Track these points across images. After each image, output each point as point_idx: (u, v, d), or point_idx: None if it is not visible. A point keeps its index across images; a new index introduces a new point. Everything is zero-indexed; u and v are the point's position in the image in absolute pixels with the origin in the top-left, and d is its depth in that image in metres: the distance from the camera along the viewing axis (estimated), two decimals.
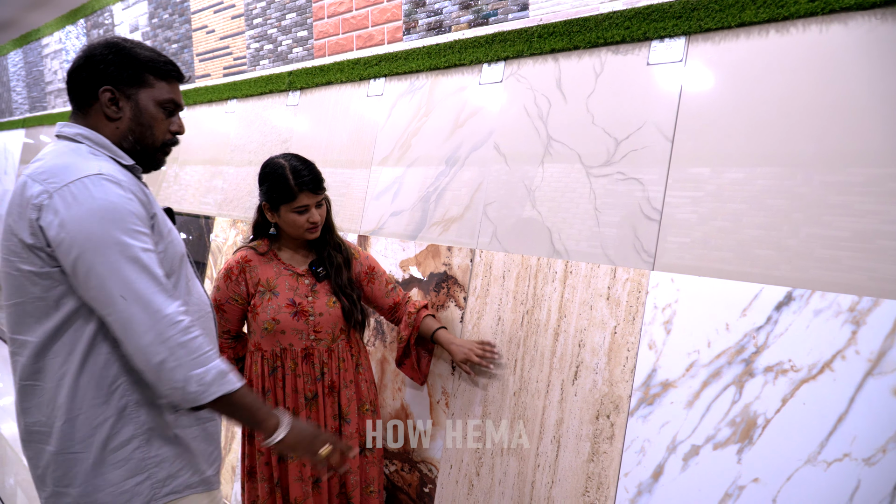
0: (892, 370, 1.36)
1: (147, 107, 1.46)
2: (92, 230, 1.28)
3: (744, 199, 1.61)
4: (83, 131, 1.42)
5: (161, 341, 1.29)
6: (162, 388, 1.33)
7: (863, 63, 1.48)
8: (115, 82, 1.42)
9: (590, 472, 1.79)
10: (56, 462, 1.40)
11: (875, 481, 1.36)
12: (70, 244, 1.28)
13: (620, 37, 1.89)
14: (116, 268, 1.29)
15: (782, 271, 1.53)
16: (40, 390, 1.40)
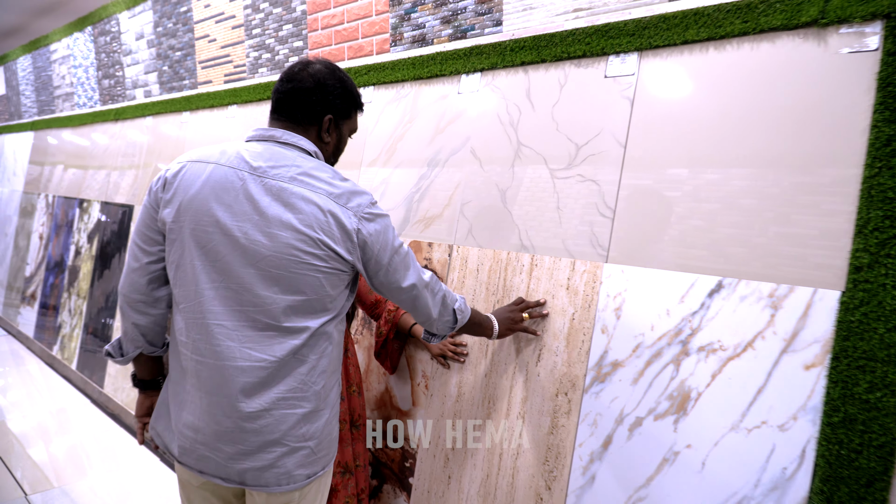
0: (804, 348, 1.56)
1: (344, 134, 1.75)
2: (395, 243, 1.64)
3: (687, 197, 1.81)
4: (318, 151, 1.65)
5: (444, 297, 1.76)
6: (442, 325, 1.77)
7: (789, 76, 1.68)
8: (336, 114, 1.67)
9: (550, 443, 1.99)
10: (307, 420, 1.61)
11: (787, 445, 1.56)
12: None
13: (582, 52, 2.09)
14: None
15: (716, 263, 1.73)
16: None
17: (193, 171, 1.57)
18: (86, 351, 4.88)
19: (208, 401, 1.57)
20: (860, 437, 1.46)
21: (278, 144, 1.59)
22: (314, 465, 1.65)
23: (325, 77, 1.63)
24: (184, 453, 1.64)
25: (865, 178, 1.51)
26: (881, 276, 1.46)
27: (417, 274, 1.67)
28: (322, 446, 1.66)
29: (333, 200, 1.52)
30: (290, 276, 1.51)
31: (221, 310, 1.53)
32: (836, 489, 1.48)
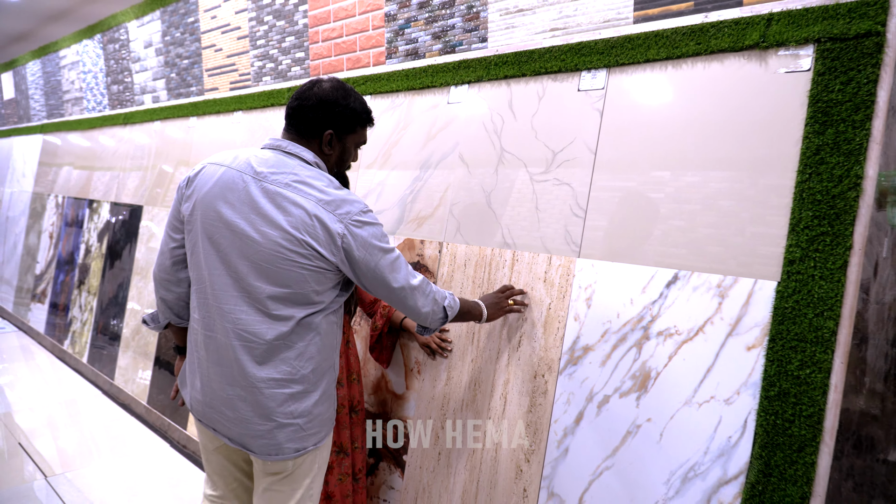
0: (746, 331, 1.78)
1: (349, 147, 1.92)
2: (379, 249, 1.81)
3: (648, 197, 2.03)
4: (319, 162, 1.84)
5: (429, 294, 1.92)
6: (430, 321, 1.94)
7: (735, 92, 1.90)
8: (337, 129, 1.85)
9: (529, 420, 2.21)
10: (294, 399, 1.82)
11: (732, 417, 1.78)
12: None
13: (557, 67, 2.31)
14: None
15: (672, 257, 1.95)
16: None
17: (209, 172, 1.82)
18: (96, 345, 5.10)
19: (214, 370, 1.84)
20: (792, 408, 1.68)
21: (283, 153, 1.82)
22: (303, 440, 1.86)
23: (327, 96, 1.83)
24: (198, 413, 1.93)
25: (798, 182, 1.73)
26: (811, 269, 1.68)
27: (406, 277, 1.83)
28: (312, 424, 1.87)
29: (322, 206, 1.72)
30: (277, 271, 1.73)
31: (224, 293, 1.78)
32: (772, 454, 1.70)
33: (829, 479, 1.64)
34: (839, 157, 1.67)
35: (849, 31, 1.69)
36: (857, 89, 1.66)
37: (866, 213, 1.63)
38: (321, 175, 1.79)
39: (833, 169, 1.67)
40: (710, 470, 1.79)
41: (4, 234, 7.49)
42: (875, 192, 1.68)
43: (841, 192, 1.66)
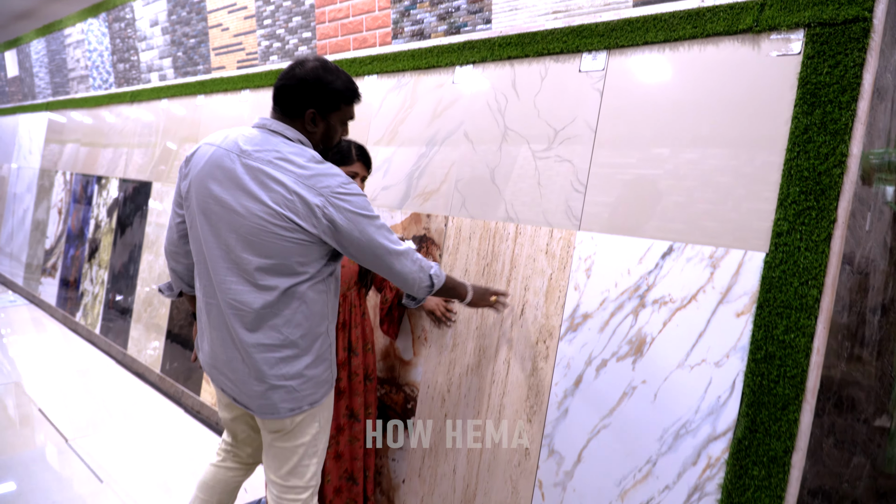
0: (735, 299, 1.91)
1: (334, 124, 1.98)
2: (362, 220, 1.88)
3: (645, 173, 2.14)
4: (303, 139, 1.93)
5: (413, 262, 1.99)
6: (416, 288, 2.01)
7: (730, 74, 2.00)
8: (319, 108, 1.92)
9: (531, 383, 2.34)
10: (285, 362, 1.94)
11: (721, 378, 1.91)
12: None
13: (559, 49, 2.41)
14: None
15: (668, 230, 2.06)
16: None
17: (203, 152, 1.95)
18: (108, 317, 5.23)
19: (215, 335, 2.00)
20: (777, 370, 1.81)
21: (268, 132, 1.92)
22: (297, 401, 1.99)
23: (308, 76, 1.89)
24: (208, 374, 2.10)
25: (787, 160, 1.84)
26: (797, 240, 1.80)
27: (392, 244, 1.92)
28: (305, 386, 1.99)
29: (301, 181, 1.81)
30: (262, 243, 1.85)
31: (216, 264, 1.92)
32: (758, 412, 1.83)
33: (811, 436, 1.77)
34: (826, 136, 1.78)
35: (837, 17, 1.79)
36: (844, 72, 1.77)
37: (850, 188, 1.74)
38: (303, 151, 1.87)
39: (820, 147, 1.79)
40: (701, 427, 1.93)
41: (12, 210, 7.59)
42: (863, 170, 1.80)
43: (827, 169, 1.77)
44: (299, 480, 2.08)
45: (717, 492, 1.89)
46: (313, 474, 2.10)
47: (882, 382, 2.11)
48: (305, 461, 2.08)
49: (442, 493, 2.60)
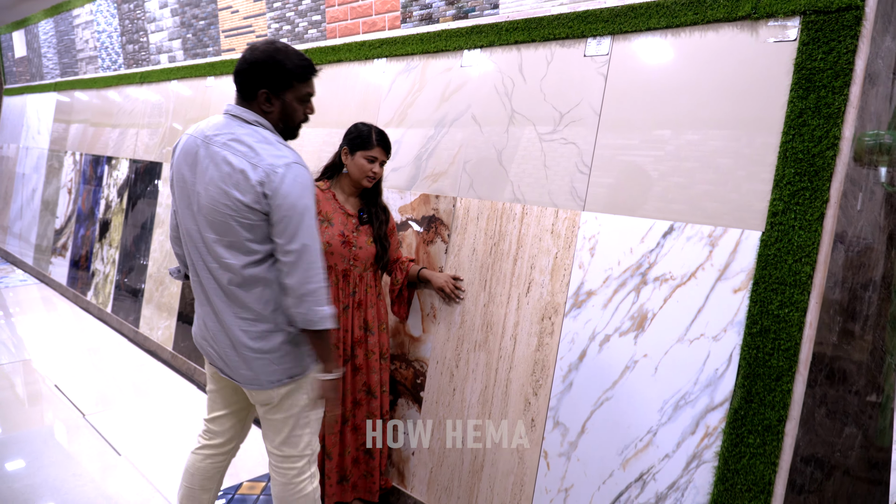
0: (733, 276, 1.99)
1: (291, 103, 2.04)
2: (300, 202, 1.93)
3: (648, 155, 2.22)
4: (260, 120, 2.00)
5: (310, 281, 1.97)
6: (293, 309, 1.98)
7: (729, 59, 2.07)
8: (271, 87, 1.98)
9: (536, 358, 2.44)
10: (262, 337, 2.04)
11: (719, 351, 2.00)
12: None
13: (565, 34, 2.48)
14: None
15: (669, 210, 2.15)
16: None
17: (181, 141, 2.10)
18: (119, 296, 5.34)
19: (202, 310, 2.13)
20: (772, 343, 1.90)
21: (229, 117, 2.05)
22: (277, 373, 2.08)
23: (257, 59, 1.97)
24: (199, 346, 2.23)
25: (782, 142, 1.92)
26: (791, 220, 1.89)
27: (309, 242, 1.95)
28: (284, 360, 2.08)
29: (247, 160, 1.91)
30: (216, 222, 1.97)
31: (193, 244, 2.06)
32: (753, 383, 1.93)
33: (804, 405, 1.87)
34: (820, 119, 1.86)
35: (831, 5, 1.86)
36: (838, 58, 1.84)
37: (842, 170, 1.82)
38: (256, 132, 1.97)
39: (814, 130, 1.87)
40: (699, 398, 2.02)
41: (20, 190, 7.68)
42: (856, 152, 1.88)
43: (820, 152, 1.85)
44: (293, 450, 2.18)
45: (714, 459, 1.99)
46: (307, 444, 2.20)
47: (873, 356, 2.21)
48: (297, 431, 2.17)
49: (450, 463, 2.71)
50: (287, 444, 2.18)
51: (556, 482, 2.35)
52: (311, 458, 2.22)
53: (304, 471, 2.20)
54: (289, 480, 2.19)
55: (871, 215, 2.02)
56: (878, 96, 1.92)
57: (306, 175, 1.97)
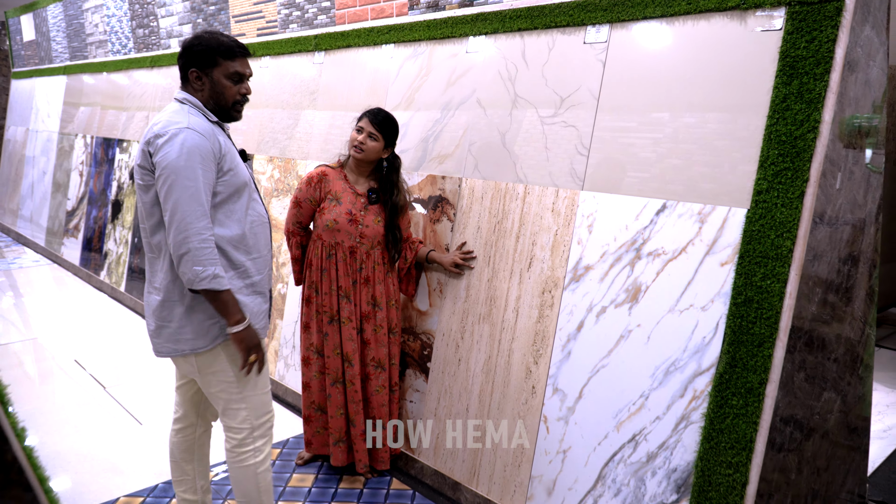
0: (720, 251, 2.14)
1: (219, 80, 2.15)
2: (177, 162, 2.00)
3: (644, 137, 2.36)
4: (189, 97, 2.16)
5: (185, 241, 2.01)
6: (178, 270, 2.04)
7: (720, 47, 2.21)
8: (198, 66, 2.14)
9: (537, 330, 2.59)
10: (162, 307, 2.15)
11: (707, 321, 2.15)
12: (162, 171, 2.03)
13: (566, 22, 2.61)
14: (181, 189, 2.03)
15: (663, 189, 2.29)
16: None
17: None
18: (133, 276, 5.50)
19: None
20: (755, 312, 2.05)
21: (174, 101, 2.19)
22: (178, 343, 2.15)
23: (188, 42, 2.15)
24: None
25: (767, 126, 2.06)
26: (774, 198, 2.03)
27: (182, 203, 1.99)
28: (184, 332, 2.14)
29: (150, 128, 2.07)
30: (137, 187, 2.12)
31: None
32: (737, 350, 2.08)
33: (783, 370, 2.02)
34: (802, 104, 2.00)
35: None
36: (819, 47, 1.98)
37: (822, 151, 1.97)
38: (180, 108, 2.12)
39: (796, 115, 2.00)
40: (688, 364, 2.18)
41: (30, 172, 7.82)
42: (843, 133, 2.02)
43: (802, 134, 1.99)
44: (231, 422, 2.25)
45: (700, 420, 2.14)
46: (244, 418, 2.25)
47: (852, 327, 2.36)
48: (233, 406, 2.24)
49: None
50: (226, 416, 2.26)
51: (555, 444, 2.51)
52: (251, 432, 2.27)
53: (245, 444, 2.27)
54: (231, 449, 2.28)
55: (850, 194, 2.16)
56: (857, 82, 2.06)
57: (195, 140, 2.02)
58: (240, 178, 2.19)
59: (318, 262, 2.82)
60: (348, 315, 2.82)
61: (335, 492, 2.93)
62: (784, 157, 2.02)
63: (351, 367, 2.85)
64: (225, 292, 2.08)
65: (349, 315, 2.81)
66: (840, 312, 2.26)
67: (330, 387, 2.88)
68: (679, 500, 2.17)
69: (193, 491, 2.48)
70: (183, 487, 2.47)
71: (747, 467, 2.04)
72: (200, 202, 2.02)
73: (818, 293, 2.11)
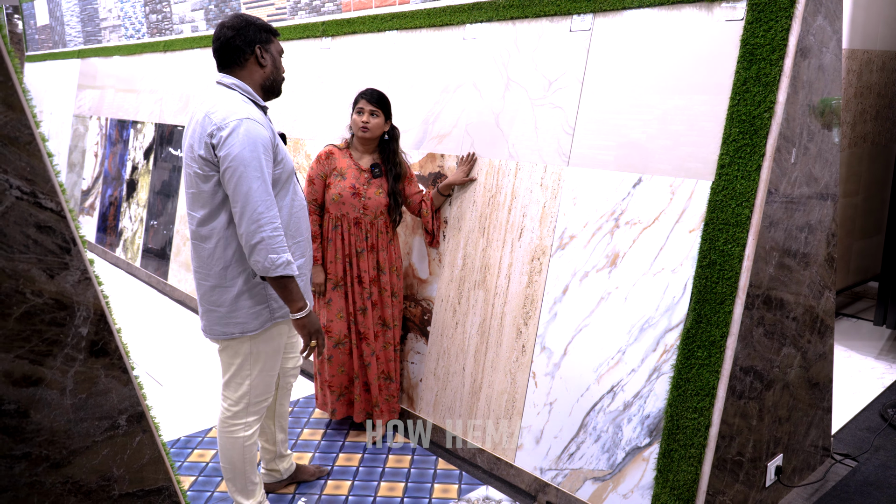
0: (689, 219, 2.38)
1: (275, 56, 2.32)
2: (243, 154, 2.08)
3: (623, 117, 2.60)
4: (237, 83, 2.22)
5: (258, 230, 2.09)
6: (251, 259, 2.12)
7: (690, 35, 2.44)
8: (262, 42, 2.25)
9: (527, 294, 2.85)
10: (213, 291, 2.26)
11: (676, 282, 2.40)
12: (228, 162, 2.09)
13: (554, 11, 2.85)
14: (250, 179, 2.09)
15: (638, 164, 2.53)
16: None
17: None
18: (148, 252, 5.76)
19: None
20: (718, 273, 2.30)
21: (215, 83, 2.27)
22: (228, 326, 2.26)
23: (238, 24, 2.22)
24: None
25: (730, 107, 2.30)
26: (734, 171, 2.27)
27: (254, 193, 2.06)
28: (234, 316, 2.24)
29: (207, 116, 2.11)
30: (187, 175, 2.20)
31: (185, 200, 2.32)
32: (702, 307, 2.33)
33: (742, 324, 2.27)
34: (759, 87, 2.23)
35: None
36: (775, 35, 2.21)
37: (776, 129, 2.20)
38: (228, 93, 2.18)
39: (755, 96, 2.24)
40: (659, 321, 2.43)
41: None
42: (817, 113, 2.26)
43: (759, 114, 2.23)
44: (231, 393, 2.37)
45: (670, 371, 2.40)
46: (243, 394, 2.35)
47: (811, 289, 2.61)
48: (238, 379, 2.34)
49: (453, 387, 3.14)
50: (228, 387, 2.37)
51: (542, 397, 2.77)
52: (246, 409, 2.37)
53: (238, 416, 2.38)
54: (223, 419, 2.41)
55: (806, 168, 2.40)
56: (810, 67, 2.29)
57: (257, 130, 2.09)
58: (289, 165, 2.30)
59: (327, 234, 3.08)
60: (353, 279, 3.07)
61: (343, 444, 3.20)
62: (744, 135, 2.26)
63: (355, 327, 3.11)
64: (292, 279, 2.16)
65: (351, 280, 3.07)
66: (798, 276, 2.50)
67: (332, 349, 3.15)
68: (651, 443, 2.43)
69: (273, 442, 2.75)
70: (263, 438, 2.73)
71: (710, 412, 2.29)
72: (269, 192, 2.10)
73: (775, 257, 2.35)
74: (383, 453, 3.13)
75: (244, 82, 2.26)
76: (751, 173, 2.24)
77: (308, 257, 2.44)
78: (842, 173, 4.44)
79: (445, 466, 3.03)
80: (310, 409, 3.54)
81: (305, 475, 2.90)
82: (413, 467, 3.02)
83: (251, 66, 2.26)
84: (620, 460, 2.50)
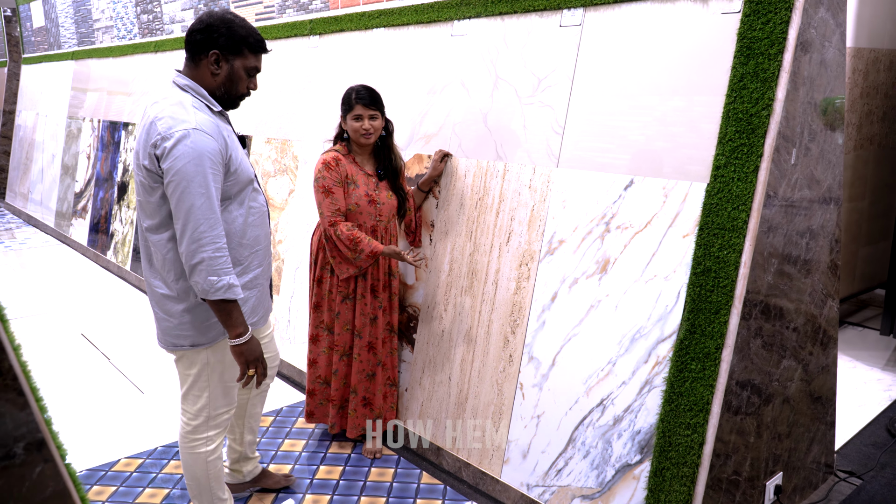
0: (682, 223, 2.25)
1: (238, 70, 2.11)
2: (187, 168, 1.94)
3: (613, 116, 2.47)
4: (192, 84, 2.08)
5: (199, 250, 1.97)
6: (191, 279, 2.01)
7: (685, 29, 2.31)
8: (221, 49, 2.07)
9: (514, 301, 2.72)
10: (165, 299, 2.13)
11: (669, 290, 2.27)
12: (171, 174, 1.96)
13: (543, 6, 2.72)
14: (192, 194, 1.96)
15: (630, 165, 2.40)
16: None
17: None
18: (139, 255, 5.66)
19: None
20: (713, 281, 2.17)
21: (171, 83, 2.12)
22: (178, 339, 2.15)
23: (215, 20, 2.07)
24: None
25: (726, 104, 2.17)
26: (731, 173, 2.14)
27: (196, 210, 1.94)
28: (183, 328, 2.13)
29: (153, 124, 1.97)
30: (136, 183, 2.07)
31: None
32: (696, 316, 2.19)
33: (738, 335, 2.13)
34: (757, 83, 2.10)
35: None
36: (774, 28, 2.08)
37: (775, 128, 2.07)
38: (177, 97, 2.04)
39: (752, 93, 2.11)
40: (651, 331, 2.30)
41: (40, 156, 7.99)
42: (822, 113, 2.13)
43: (757, 112, 2.10)
44: (189, 406, 2.25)
45: (662, 384, 2.26)
46: (202, 407, 2.24)
47: (813, 298, 2.47)
48: (195, 391, 2.23)
49: (439, 397, 3.01)
50: (186, 400, 2.26)
51: (529, 410, 2.64)
52: (206, 423, 2.26)
53: (199, 431, 2.26)
54: (183, 433, 2.29)
55: (807, 170, 2.27)
56: (812, 62, 2.16)
57: (204, 142, 1.96)
58: (244, 175, 2.16)
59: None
60: (363, 291, 2.95)
61: (324, 455, 3.07)
62: (740, 134, 2.13)
63: (360, 340, 2.99)
64: (234, 303, 2.05)
65: (363, 292, 2.94)
66: (799, 284, 2.37)
67: (337, 361, 3.02)
68: (642, 461, 2.30)
69: (240, 443, 2.67)
70: (231, 437, 2.67)
71: (704, 428, 2.16)
72: (213, 209, 1.98)
73: (774, 263, 2.22)
74: (366, 466, 3.00)
75: (199, 84, 2.11)
76: (748, 175, 2.11)
77: (266, 266, 2.31)
78: (847, 176, 4.30)
79: (430, 481, 2.89)
80: (292, 418, 3.41)
81: (270, 482, 2.79)
82: (396, 481, 2.89)
83: (204, 69, 2.11)
84: (610, 478, 2.37)
